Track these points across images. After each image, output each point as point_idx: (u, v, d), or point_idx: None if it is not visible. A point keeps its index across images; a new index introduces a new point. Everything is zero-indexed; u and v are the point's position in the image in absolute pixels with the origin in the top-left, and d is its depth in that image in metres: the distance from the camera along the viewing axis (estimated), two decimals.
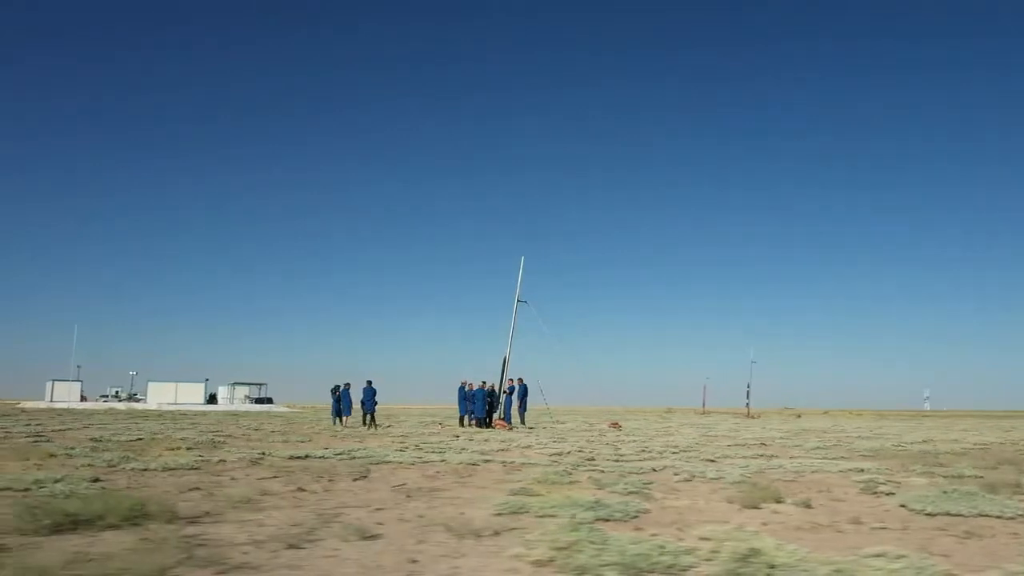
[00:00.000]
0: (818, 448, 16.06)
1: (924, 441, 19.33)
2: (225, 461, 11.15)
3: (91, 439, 15.88)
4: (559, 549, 4.64)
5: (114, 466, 9.98)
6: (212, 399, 65.42)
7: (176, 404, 59.71)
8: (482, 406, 26.92)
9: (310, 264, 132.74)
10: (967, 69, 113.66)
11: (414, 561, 4.75)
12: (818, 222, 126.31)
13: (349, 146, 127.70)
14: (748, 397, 60.77)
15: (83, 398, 62.20)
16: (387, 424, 28.57)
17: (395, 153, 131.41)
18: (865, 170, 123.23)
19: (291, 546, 5.05)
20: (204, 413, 44.41)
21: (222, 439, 16.82)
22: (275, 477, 9.41)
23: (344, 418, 27.51)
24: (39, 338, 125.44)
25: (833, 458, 13.25)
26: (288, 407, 66.31)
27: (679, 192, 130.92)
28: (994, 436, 22.98)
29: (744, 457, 13.31)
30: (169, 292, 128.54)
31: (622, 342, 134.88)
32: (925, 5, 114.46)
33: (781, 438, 20.40)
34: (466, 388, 27.41)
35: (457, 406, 27.63)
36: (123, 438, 16.23)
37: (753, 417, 53.99)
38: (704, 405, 76.49)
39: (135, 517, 5.48)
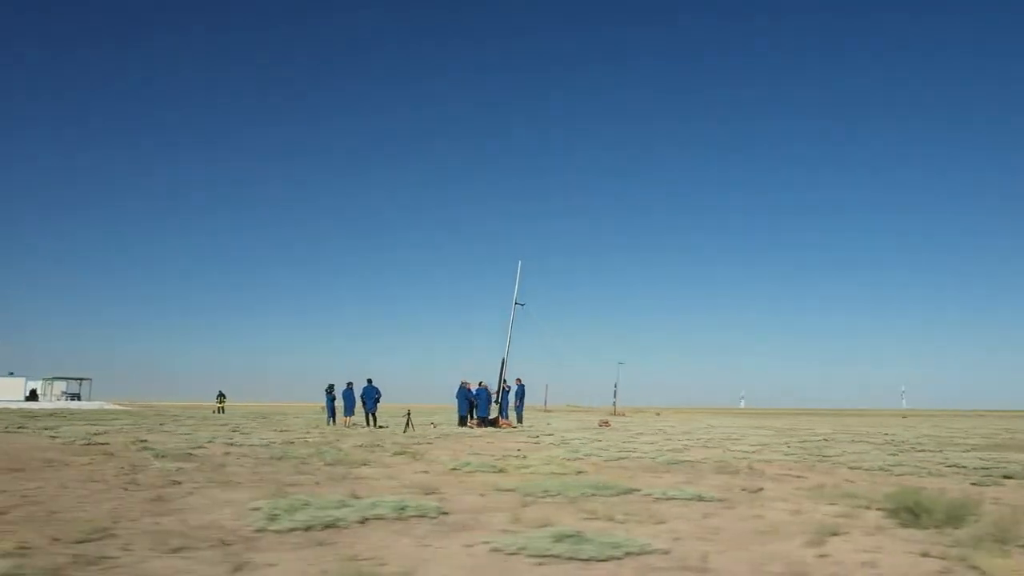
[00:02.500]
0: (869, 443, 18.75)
1: (947, 435, 23.01)
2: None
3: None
4: None
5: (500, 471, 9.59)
6: (32, 396, 57.01)
7: None
8: (486, 405, 27.11)
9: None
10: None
11: None
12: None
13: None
14: (615, 396, 65.19)
15: None
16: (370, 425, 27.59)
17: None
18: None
19: None
20: (56, 412, 38.91)
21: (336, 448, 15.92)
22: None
23: (346, 418, 26.22)
24: None
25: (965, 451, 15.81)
26: (120, 405, 59.56)
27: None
28: (930, 430, 27.69)
29: (922, 451, 15.34)
30: None
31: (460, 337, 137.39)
32: None
33: (775, 439, 23.07)
34: (467, 388, 27.39)
35: (457, 406, 27.49)
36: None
37: (621, 415, 58.06)
38: (546, 403, 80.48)
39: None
